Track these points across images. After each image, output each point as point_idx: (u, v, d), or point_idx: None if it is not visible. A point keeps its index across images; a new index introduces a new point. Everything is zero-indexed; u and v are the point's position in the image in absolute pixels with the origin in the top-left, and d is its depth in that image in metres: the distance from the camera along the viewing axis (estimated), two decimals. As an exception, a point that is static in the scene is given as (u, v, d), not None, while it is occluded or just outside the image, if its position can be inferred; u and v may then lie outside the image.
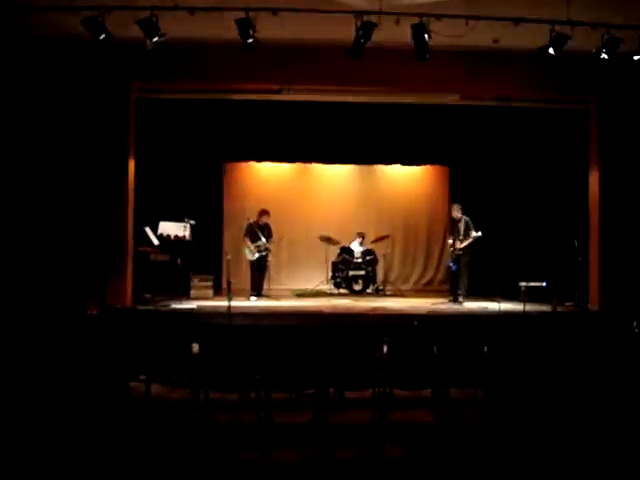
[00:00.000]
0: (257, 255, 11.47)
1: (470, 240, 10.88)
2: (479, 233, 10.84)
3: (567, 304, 10.83)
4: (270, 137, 13.26)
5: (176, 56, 10.03)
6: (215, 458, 5.30)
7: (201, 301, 10.91)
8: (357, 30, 8.62)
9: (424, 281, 14.42)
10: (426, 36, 8.63)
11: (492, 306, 10.31)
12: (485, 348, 6.16)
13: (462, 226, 11.02)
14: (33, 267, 9.93)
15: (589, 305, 10.85)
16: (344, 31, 8.71)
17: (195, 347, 6.08)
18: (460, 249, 10.95)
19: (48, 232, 10.20)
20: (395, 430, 5.96)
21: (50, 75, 10.27)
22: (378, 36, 8.64)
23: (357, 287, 12.54)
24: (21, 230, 10.08)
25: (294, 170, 14.36)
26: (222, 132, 13.14)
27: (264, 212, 11.69)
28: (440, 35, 8.63)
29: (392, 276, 13.73)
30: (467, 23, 8.64)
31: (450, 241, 11.25)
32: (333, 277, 12.91)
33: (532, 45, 9.05)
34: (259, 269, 11.60)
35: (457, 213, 11.22)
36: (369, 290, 12.66)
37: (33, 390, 5.96)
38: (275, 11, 8.51)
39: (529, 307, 9.96)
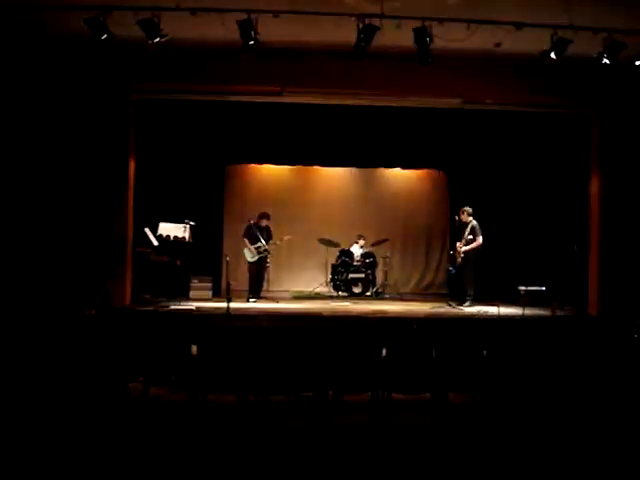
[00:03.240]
0: (256, 257, 11.47)
1: (473, 246, 10.84)
2: (479, 240, 10.81)
3: (566, 309, 10.83)
4: (271, 139, 13.24)
5: (177, 57, 10.03)
6: (213, 460, 5.28)
7: (200, 302, 10.90)
8: (359, 33, 8.62)
9: (423, 284, 14.44)
10: (428, 40, 8.64)
11: (491, 310, 10.30)
12: (484, 352, 6.15)
13: (467, 230, 10.98)
14: (33, 267, 9.92)
15: (588, 310, 10.84)
16: (346, 34, 8.71)
17: (194, 348, 6.07)
18: (462, 253, 10.93)
19: (48, 232, 10.18)
20: (393, 434, 5.95)
21: (50, 75, 10.25)
22: (380, 39, 8.64)
23: (356, 290, 12.53)
24: (21, 230, 10.07)
25: (295, 172, 14.37)
26: (223, 134, 13.11)
27: (265, 215, 11.70)
28: (442, 39, 8.64)
29: (391, 279, 13.71)
30: (469, 27, 8.64)
31: (458, 244, 11.19)
32: (332, 280, 12.90)
33: (534, 50, 9.05)
34: (258, 271, 11.60)
35: (466, 217, 11.15)
36: (368, 293, 12.65)
37: (31, 390, 5.95)
38: (277, 13, 8.51)
39: (528, 311, 9.95)
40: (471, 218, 11.08)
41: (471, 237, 10.92)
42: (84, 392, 6.03)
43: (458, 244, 11.06)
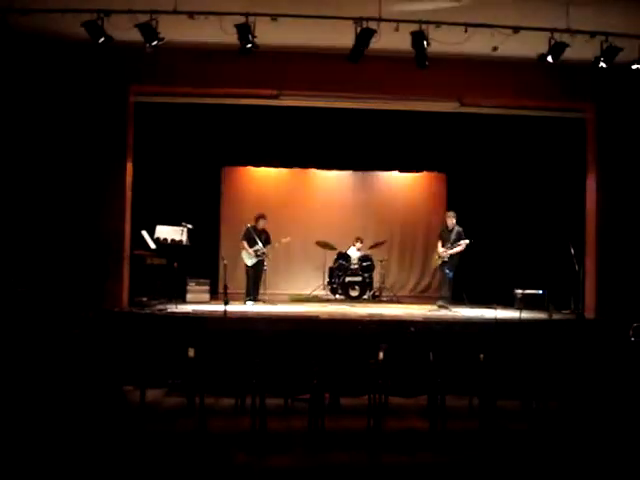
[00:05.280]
0: (254, 260, 11.46)
1: (459, 248, 10.90)
2: (466, 241, 10.88)
3: (563, 312, 10.83)
4: (268, 142, 13.24)
5: (175, 60, 10.04)
6: (209, 463, 5.28)
7: (197, 305, 10.88)
8: (356, 36, 8.63)
9: (421, 288, 14.43)
10: (425, 43, 8.65)
11: (488, 313, 10.29)
12: (481, 355, 6.15)
13: (453, 235, 11.07)
14: (29, 270, 9.90)
15: (585, 313, 10.84)
16: (343, 37, 8.72)
17: (191, 351, 6.06)
18: (446, 256, 11.00)
19: (45, 234, 10.17)
20: (390, 437, 5.95)
21: (49, 78, 10.26)
22: (377, 43, 8.65)
23: (354, 293, 12.50)
24: (18, 232, 10.06)
25: (292, 175, 14.36)
26: (220, 136, 13.12)
27: (261, 216, 11.66)
28: (439, 42, 8.66)
29: (389, 282, 13.71)
30: (466, 31, 8.66)
31: (441, 249, 11.24)
32: (330, 283, 12.88)
33: (531, 53, 9.08)
34: (255, 274, 11.59)
35: (451, 221, 11.26)
36: (366, 296, 12.63)
37: (27, 393, 5.94)
38: (274, 17, 8.53)
39: (525, 315, 9.95)
40: (455, 221, 11.16)
41: (456, 242, 10.99)
42: (81, 394, 6.02)
43: (442, 249, 11.12)
